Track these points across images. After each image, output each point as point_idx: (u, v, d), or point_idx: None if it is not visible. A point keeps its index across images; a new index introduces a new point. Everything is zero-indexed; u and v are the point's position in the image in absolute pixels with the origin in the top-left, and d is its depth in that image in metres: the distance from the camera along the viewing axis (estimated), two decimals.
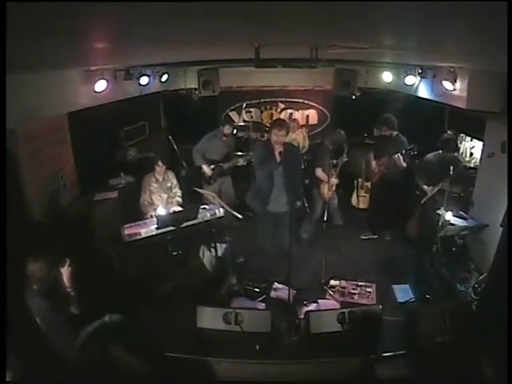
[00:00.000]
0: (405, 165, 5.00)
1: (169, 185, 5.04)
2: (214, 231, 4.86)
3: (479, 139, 5.10)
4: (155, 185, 4.93)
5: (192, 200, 5.20)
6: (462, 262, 4.58)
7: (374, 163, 5.31)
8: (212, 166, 5.50)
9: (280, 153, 4.26)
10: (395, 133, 5.19)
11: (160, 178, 4.94)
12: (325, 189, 5.17)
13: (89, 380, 2.83)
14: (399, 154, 4.94)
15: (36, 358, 2.76)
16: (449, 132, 5.84)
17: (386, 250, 5.33)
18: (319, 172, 5.21)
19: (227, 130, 5.51)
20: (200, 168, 5.51)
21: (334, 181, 5.17)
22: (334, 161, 5.21)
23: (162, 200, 4.97)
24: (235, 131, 6.84)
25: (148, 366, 3.08)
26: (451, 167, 4.22)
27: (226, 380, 3.27)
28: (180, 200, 5.11)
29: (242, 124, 7.35)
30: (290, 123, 6.51)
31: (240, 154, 5.85)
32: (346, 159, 5.28)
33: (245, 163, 5.92)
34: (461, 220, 4.50)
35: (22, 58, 2.13)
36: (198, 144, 5.51)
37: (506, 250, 3.08)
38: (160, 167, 4.87)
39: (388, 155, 5.03)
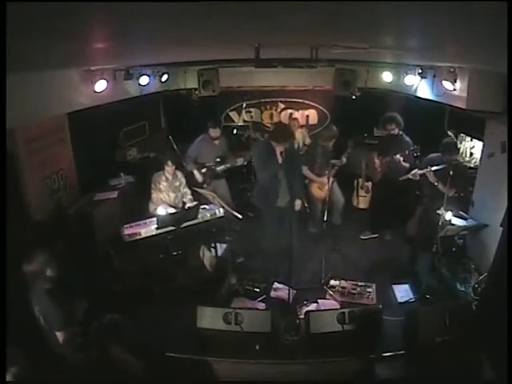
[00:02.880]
0: (407, 165, 4.99)
1: (177, 184, 5.02)
2: (214, 231, 4.86)
3: (479, 139, 5.10)
4: (165, 183, 4.92)
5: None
6: (461, 262, 4.58)
7: (377, 163, 5.27)
8: (203, 170, 5.42)
9: (281, 153, 4.30)
10: (400, 132, 5.20)
11: (170, 177, 4.93)
12: (314, 188, 5.18)
13: (89, 380, 2.83)
14: (400, 155, 4.94)
15: (36, 357, 2.76)
16: (449, 133, 5.83)
17: (386, 249, 5.33)
18: (305, 170, 5.21)
19: (213, 133, 5.32)
20: (192, 173, 5.43)
21: (324, 180, 5.11)
22: (334, 161, 5.14)
23: (170, 199, 4.97)
24: (235, 131, 6.87)
25: (147, 366, 3.08)
26: (450, 171, 4.21)
27: (226, 380, 3.27)
28: (191, 197, 5.07)
29: (242, 124, 7.35)
30: (292, 125, 6.45)
31: (239, 154, 5.72)
32: (344, 161, 5.18)
33: (245, 163, 5.83)
34: (461, 220, 4.49)
35: (21, 57, 2.13)
36: (189, 149, 5.45)
37: (506, 250, 3.08)
38: (170, 167, 4.84)
39: (392, 155, 5.02)
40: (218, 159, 5.47)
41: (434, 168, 4.36)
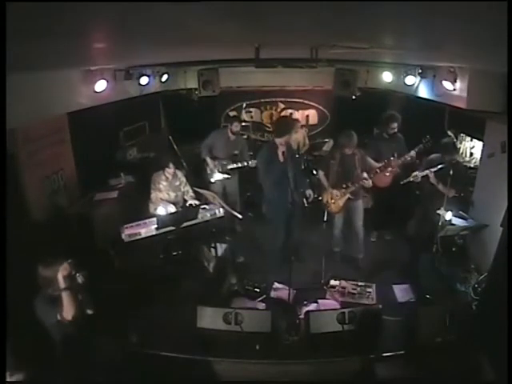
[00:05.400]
0: (418, 161, 4.99)
1: (177, 183, 5.03)
2: (214, 231, 4.86)
3: (479, 139, 5.10)
4: (164, 183, 4.92)
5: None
6: (462, 262, 4.58)
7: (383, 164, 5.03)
8: (216, 162, 5.49)
9: (283, 153, 4.32)
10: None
11: (170, 177, 4.93)
12: (327, 197, 4.78)
13: (89, 380, 2.83)
14: (414, 151, 4.94)
15: (37, 358, 2.76)
16: (449, 133, 5.83)
17: (386, 249, 5.33)
18: (321, 175, 4.86)
19: (235, 127, 5.48)
20: (204, 162, 5.48)
21: (336, 192, 4.65)
22: (364, 181, 4.56)
23: (170, 198, 4.97)
24: None
25: (147, 366, 3.09)
26: (450, 171, 4.20)
27: (226, 380, 3.27)
28: (194, 195, 5.07)
29: (242, 124, 7.34)
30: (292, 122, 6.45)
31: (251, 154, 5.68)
32: (370, 184, 4.60)
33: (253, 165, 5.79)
34: (461, 220, 4.49)
35: (22, 57, 2.13)
36: (207, 138, 5.55)
37: (506, 250, 3.08)
38: (170, 169, 4.83)
39: (401, 155, 5.00)
40: (230, 156, 5.50)
41: (434, 169, 4.36)
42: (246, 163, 5.48)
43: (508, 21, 1.04)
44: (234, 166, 5.51)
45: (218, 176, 5.50)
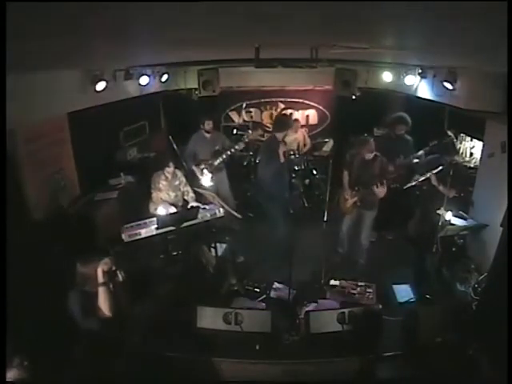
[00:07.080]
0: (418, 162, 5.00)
1: (177, 183, 5.01)
2: (214, 231, 4.86)
3: (479, 139, 5.10)
4: (164, 183, 4.91)
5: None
6: (462, 262, 4.58)
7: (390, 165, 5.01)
8: (202, 166, 5.44)
9: (284, 153, 4.33)
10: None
11: (169, 177, 4.92)
12: (342, 196, 4.80)
13: (89, 380, 2.83)
14: (423, 151, 4.92)
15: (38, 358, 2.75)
16: (449, 133, 5.83)
17: (386, 249, 5.33)
18: (345, 176, 4.81)
19: (207, 125, 5.44)
20: (193, 171, 5.46)
21: (348, 193, 4.65)
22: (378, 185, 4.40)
23: (170, 198, 4.96)
24: (235, 131, 6.87)
25: (147, 366, 3.09)
26: (450, 171, 4.19)
27: (227, 380, 3.28)
28: (194, 196, 5.05)
29: (242, 124, 7.35)
30: (291, 120, 6.43)
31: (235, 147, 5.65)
32: (380, 195, 4.49)
33: (240, 150, 5.68)
34: (461, 220, 4.49)
35: (22, 57, 2.13)
36: (186, 149, 5.52)
37: (506, 250, 3.08)
38: (170, 168, 4.83)
39: (406, 156, 4.97)
40: (213, 153, 5.47)
41: (435, 171, 4.34)
42: (229, 152, 5.44)
43: (508, 21, 1.04)
44: (220, 159, 5.47)
45: (208, 180, 5.42)
